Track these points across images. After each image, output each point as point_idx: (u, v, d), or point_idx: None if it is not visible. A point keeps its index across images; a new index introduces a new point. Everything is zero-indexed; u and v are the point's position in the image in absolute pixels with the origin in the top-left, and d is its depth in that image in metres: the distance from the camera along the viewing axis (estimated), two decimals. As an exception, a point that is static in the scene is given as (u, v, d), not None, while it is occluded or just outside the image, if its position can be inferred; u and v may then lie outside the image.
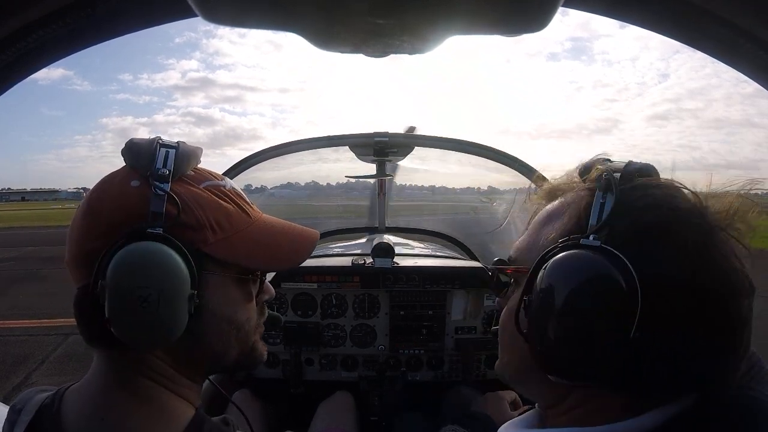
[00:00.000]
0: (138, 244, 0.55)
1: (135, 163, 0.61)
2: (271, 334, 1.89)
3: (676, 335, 0.46)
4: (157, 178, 0.58)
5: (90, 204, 0.60)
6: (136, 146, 0.62)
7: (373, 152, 1.92)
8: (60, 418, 0.58)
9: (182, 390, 0.63)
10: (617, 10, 0.61)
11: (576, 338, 0.47)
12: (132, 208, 0.58)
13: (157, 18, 0.63)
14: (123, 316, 0.55)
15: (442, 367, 1.93)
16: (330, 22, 0.47)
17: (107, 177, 0.62)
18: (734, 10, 0.56)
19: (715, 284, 0.46)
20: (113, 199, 0.59)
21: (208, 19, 0.46)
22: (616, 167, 0.54)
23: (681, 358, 0.46)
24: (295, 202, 3.25)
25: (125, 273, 0.54)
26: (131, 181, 0.60)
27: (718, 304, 0.46)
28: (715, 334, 0.47)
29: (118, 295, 0.54)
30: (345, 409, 1.73)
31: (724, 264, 0.47)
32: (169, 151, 0.60)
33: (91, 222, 0.59)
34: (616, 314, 0.45)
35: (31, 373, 4.53)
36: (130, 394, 0.59)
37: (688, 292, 0.46)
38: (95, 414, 0.58)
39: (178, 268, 0.55)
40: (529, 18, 0.46)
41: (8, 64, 0.61)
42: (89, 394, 0.60)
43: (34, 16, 0.56)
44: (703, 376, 0.48)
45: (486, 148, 1.92)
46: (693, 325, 0.46)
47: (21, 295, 7.63)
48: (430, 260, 2.04)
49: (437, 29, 0.48)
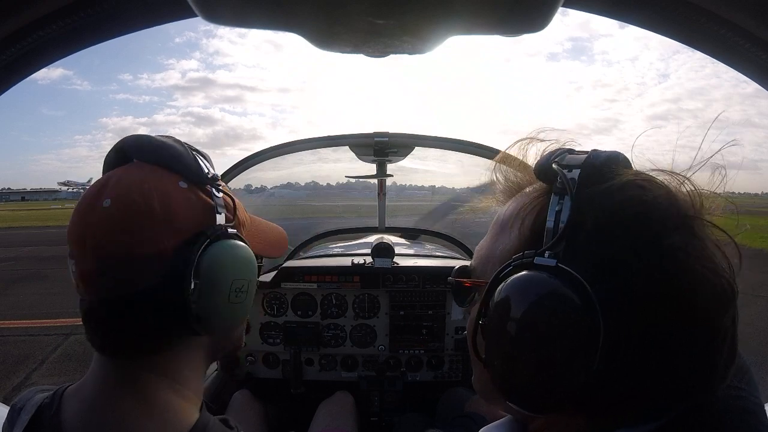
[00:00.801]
0: (227, 242, 0.60)
1: (174, 164, 0.60)
2: (271, 334, 1.89)
3: (648, 359, 0.40)
4: (212, 181, 0.62)
5: (145, 202, 0.55)
6: (170, 147, 0.61)
7: (373, 152, 1.91)
8: (59, 418, 0.57)
9: (188, 386, 0.63)
10: (617, 10, 0.61)
11: (532, 370, 0.42)
12: (195, 209, 0.60)
13: (157, 18, 0.63)
14: (222, 308, 0.59)
15: (442, 367, 1.93)
16: (330, 23, 0.47)
17: (142, 175, 0.58)
18: (734, 10, 0.56)
19: (693, 298, 0.40)
20: (172, 200, 0.57)
21: (208, 19, 0.46)
22: (576, 163, 0.45)
23: (654, 381, 0.41)
24: (295, 202, 3.26)
25: (226, 267, 0.59)
26: (179, 182, 0.59)
27: (695, 321, 0.40)
28: (693, 352, 0.41)
29: (219, 288, 0.59)
30: (345, 409, 1.73)
31: (704, 274, 0.40)
32: (195, 154, 0.64)
33: (149, 222, 0.55)
34: (575, 345, 0.40)
35: (31, 373, 4.53)
36: (136, 395, 0.58)
37: (661, 311, 0.40)
38: (97, 415, 0.57)
39: (254, 259, 0.65)
40: (529, 18, 0.46)
41: (8, 64, 0.61)
42: (91, 395, 0.59)
43: (33, 16, 0.56)
44: (680, 396, 0.42)
45: (487, 148, 1.91)
46: (666, 345, 0.40)
47: (21, 295, 7.64)
48: (430, 260, 2.04)
49: (437, 29, 0.48)
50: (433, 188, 2.95)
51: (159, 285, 0.55)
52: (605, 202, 0.42)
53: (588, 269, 0.40)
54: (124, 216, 0.55)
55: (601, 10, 0.61)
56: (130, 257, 0.54)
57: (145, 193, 0.56)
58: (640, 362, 0.41)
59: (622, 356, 0.40)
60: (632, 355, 0.40)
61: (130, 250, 0.54)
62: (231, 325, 0.64)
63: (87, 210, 0.56)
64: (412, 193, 3.18)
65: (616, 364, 0.40)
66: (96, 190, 0.58)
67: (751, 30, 0.58)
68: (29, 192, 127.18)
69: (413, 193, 3.19)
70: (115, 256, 0.54)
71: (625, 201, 0.42)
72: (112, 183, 0.58)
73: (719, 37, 0.60)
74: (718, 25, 0.58)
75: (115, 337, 0.57)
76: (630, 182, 0.43)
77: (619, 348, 0.40)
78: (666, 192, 0.43)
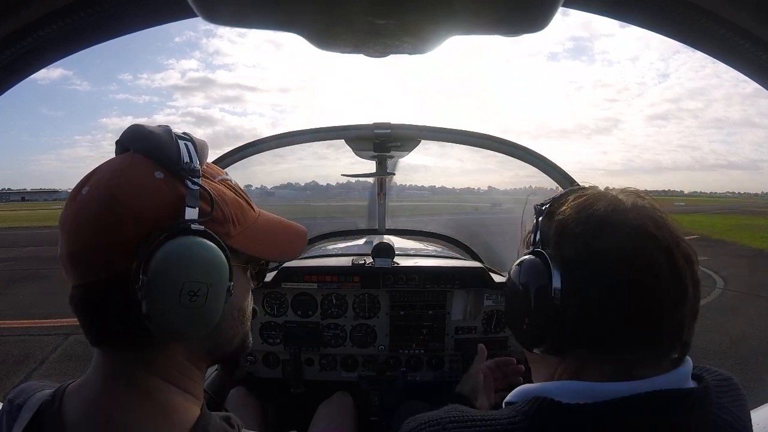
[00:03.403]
0: (185, 238, 0.55)
1: (155, 153, 0.58)
2: (271, 334, 1.89)
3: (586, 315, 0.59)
4: (189, 172, 0.58)
5: (111, 193, 0.55)
6: (155, 136, 0.59)
7: (373, 146, 1.71)
8: (62, 417, 0.57)
9: (190, 385, 0.62)
10: (617, 10, 0.61)
11: (522, 317, 0.66)
12: (164, 202, 0.56)
13: (157, 18, 0.63)
14: (169, 310, 0.54)
15: (442, 367, 1.93)
16: (330, 23, 0.47)
17: (120, 165, 0.58)
18: (734, 10, 0.56)
19: (613, 263, 0.57)
20: (141, 191, 0.56)
21: (208, 19, 0.46)
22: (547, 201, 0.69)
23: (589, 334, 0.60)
24: (295, 202, 3.26)
25: (176, 267, 0.54)
26: (154, 173, 0.57)
27: (606, 288, 0.57)
28: (610, 315, 0.58)
29: (166, 289, 0.54)
30: (345, 409, 1.73)
31: (617, 252, 0.57)
32: (187, 144, 0.60)
33: (114, 212, 0.54)
34: (546, 303, 0.61)
35: (31, 373, 4.53)
36: (138, 393, 0.57)
37: (589, 276, 0.59)
38: (99, 413, 0.56)
39: (222, 262, 0.57)
40: (529, 18, 0.46)
41: (8, 64, 0.61)
42: (93, 393, 0.58)
43: (33, 16, 0.56)
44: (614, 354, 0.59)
45: (498, 140, 1.74)
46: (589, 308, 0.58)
47: (21, 295, 7.63)
48: (430, 260, 2.03)
49: (437, 29, 0.48)
50: (433, 188, 2.94)
51: (118, 278, 0.53)
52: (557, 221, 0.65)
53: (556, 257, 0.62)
54: (93, 204, 0.55)
55: (602, 10, 0.61)
56: (95, 246, 0.54)
57: (113, 182, 0.56)
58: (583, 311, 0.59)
59: (577, 312, 0.59)
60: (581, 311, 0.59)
61: (94, 239, 0.54)
62: (195, 330, 0.57)
63: (72, 197, 0.58)
64: (412, 193, 3.17)
65: (570, 318, 0.60)
66: (83, 179, 0.59)
67: (751, 30, 0.58)
68: (29, 192, 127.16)
69: (413, 193, 3.18)
70: (84, 244, 0.55)
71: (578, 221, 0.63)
72: (97, 172, 0.58)
73: (719, 37, 0.60)
74: (718, 25, 0.58)
75: (86, 324, 0.57)
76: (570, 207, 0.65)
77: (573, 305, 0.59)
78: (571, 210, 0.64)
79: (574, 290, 0.59)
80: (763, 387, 3.89)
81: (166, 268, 0.53)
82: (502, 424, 0.59)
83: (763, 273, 9.60)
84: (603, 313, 0.58)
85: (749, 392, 0.67)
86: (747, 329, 5.83)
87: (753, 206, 56.85)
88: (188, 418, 0.59)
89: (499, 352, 1.87)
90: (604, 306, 0.57)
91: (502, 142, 1.77)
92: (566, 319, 0.59)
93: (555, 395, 0.59)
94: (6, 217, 35.21)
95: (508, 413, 0.61)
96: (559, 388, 0.61)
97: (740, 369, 4.52)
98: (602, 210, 0.60)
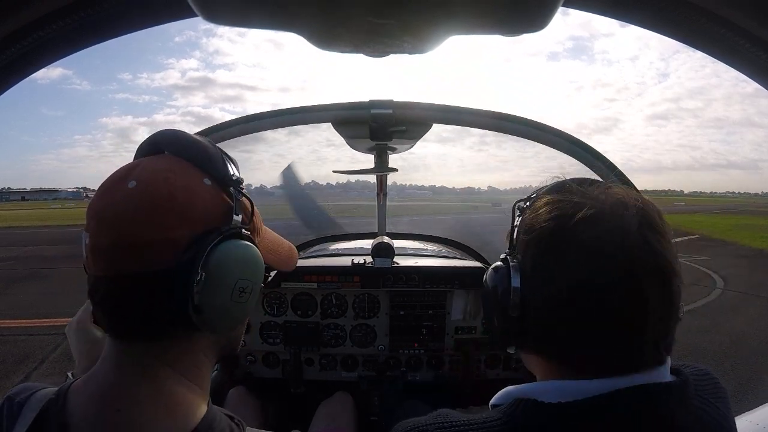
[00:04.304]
0: (239, 241, 0.61)
1: (203, 161, 0.62)
2: (271, 333, 1.89)
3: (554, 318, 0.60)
4: (235, 183, 0.64)
5: (169, 191, 0.57)
6: (203, 146, 0.64)
7: (370, 132, 1.29)
8: (67, 414, 0.57)
9: (200, 378, 0.64)
10: (617, 10, 0.61)
11: (494, 320, 0.69)
12: (213, 206, 0.61)
13: (157, 18, 0.63)
14: (221, 304, 0.60)
15: (442, 367, 1.93)
16: (331, 23, 0.47)
17: (169, 165, 0.61)
18: (734, 10, 0.56)
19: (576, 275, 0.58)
20: (195, 193, 0.59)
21: (208, 19, 0.46)
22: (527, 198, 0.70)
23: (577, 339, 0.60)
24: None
25: (234, 265, 0.60)
26: (203, 179, 0.61)
27: (581, 293, 0.58)
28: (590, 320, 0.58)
29: (223, 284, 0.59)
30: (345, 409, 1.73)
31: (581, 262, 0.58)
32: (224, 156, 0.65)
33: (172, 209, 0.57)
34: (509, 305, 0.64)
35: (32, 373, 4.53)
36: (148, 384, 0.58)
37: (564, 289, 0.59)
38: (107, 408, 0.56)
39: (263, 265, 0.65)
40: (529, 18, 0.46)
41: (8, 64, 0.61)
42: (101, 386, 0.58)
43: (33, 16, 0.56)
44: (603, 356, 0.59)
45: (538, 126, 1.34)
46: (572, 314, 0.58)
47: (21, 295, 7.64)
48: (430, 260, 2.03)
49: (437, 29, 0.48)
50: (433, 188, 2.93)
51: (166, 271, 0.55)
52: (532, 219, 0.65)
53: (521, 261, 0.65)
54: (146, 199, 0.56)
55: (602, 10, 0.61)
56: (143, 239, 0.55)
57: (169, 181, 0.58)
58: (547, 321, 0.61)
59: (535, 315, 0.62)
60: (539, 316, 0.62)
61: (144, 232, 0.55)
62: (230, 323, 0.64)
63: (112, 188, 0.58)
64: (412, 193, 3.17)
65: (531, 320, 0.62)
66: (124, 172, 0.59)
67: (751, 30, 0.58)
68: (29, 192, 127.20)
69: (413, 193, 3.18)
70: (130, 235, 0.55)
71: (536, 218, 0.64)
72: (140, 167, 0.60)
73: (719, 37, 0.60)
74: (718, 25, 0.58)
75: (116, 315, 0.58)
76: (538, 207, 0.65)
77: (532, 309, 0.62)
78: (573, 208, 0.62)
79: (536, 291, 0.62)
80: (763, 387, 3.89)
81: (226, 265, 0.59)
82: (485, 426, 0.60)
83: (763, 273, 9.60)
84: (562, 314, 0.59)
85: (749, 392, 0.67)
86: (747, 329, 5.83)
87: (753, 206, 56.83)
88: (195, 412, 0.60)
89: (498, 352, 1.88)
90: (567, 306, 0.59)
91: (541, 128, 1.33)
92: (526, 320, 0.63)
93: (537, 395, 0.60)
94: (6, 216, 35.22)
95: (493, 415, 0.62)
96: (541, 388, 0.62)
97: (740, 369, 4.52)
98: (571, 214, 0.59)
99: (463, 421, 0.62)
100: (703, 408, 0.60)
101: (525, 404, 0.60)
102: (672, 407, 0.57)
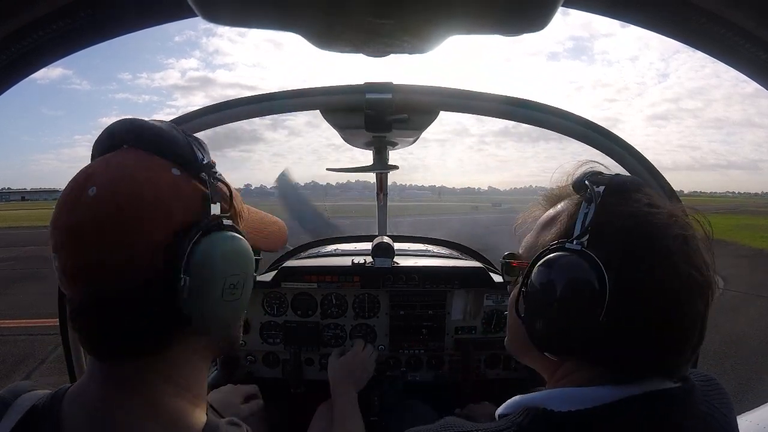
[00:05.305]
0: (220, 234, 0.55)
1: (166, 150, 0.55)
2: (271, 333, 1.89)
3: (636, 325, 0.56)
4: (206, 168, 0.57)
5: (133, 191, 0.51)
6: (166, 132, 0.56)
7: (365, 122, 1.08)
8: (60, 422, 0.54)
9: (195, 385, 0.60)
10: (617, 10, 0.61)
11: (557, 322, 0.58)
12: (188, 198, 0.55)
13: (157, 18, 0.63)
14: (213, 306, 0.55)
15: (442, 367, 1.93)
16: (331, 23, 0.47)
17: (129, 161, 0.54)
18: (734, 10, 0.56)
19: (674, 286, 0.55)
20: (164, 188, 0.53)
21: (208, 19, 0.46)
22: (603, 181, 0.62)
23: (639, 343, 0.57)
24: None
25: (219, 263, 0.54)
26: (171, 169, 0.55)
27: (674, 304, 0.56)
28: (669, 328, 0.57)
29: (210, 286, 0.54)
30: (345, 409, 1.73)
31: (684, 269, 0.56)
32: (190, 140, 0.58)
33: (141, 212, 0.51)
34: (588, 305, 0.56)
35: (32, 373, 4.53)
36: (141, 400, 0.54)
37: (651, 292, 0.56)
38: (102, 421, 0.53)
39: (251, 253, 0.60)
40: (529, 18, 0.46)
41: (8, 64, 0.61)
42: (94, 400, 0.55)
43: (33, 16, 0.56)
44: (657, 360, 0.58)
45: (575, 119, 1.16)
46: (651, 318, 0.56)
47: (21, 295, 7.63)
48: (430, 260, 2.03)
49: (437, 29, 0.48)
50: (433, 188, 2.94)
51: (150, 280, 0.51)
52: (622, 210, 0.59)
53: (603, 255, 0.56)
54: (110, 207, 0.50)
55: (602, 10, 0.61)
56: (115, 255, 0.50)
57: (134, 180, 0.52)
58: (632, 322, 0.56)
59: (619, 316, 0.55)
60: (626, 317, 0.56)
61: (115, 247, 0.50)
62: (226, 323, 0.60)
63: (71, 200, 0.52)
64: (412, 193, 3.17)
65: (614, 326, 0.55)
66: (82, 179, 0.53)
67: (751, 30, 0.58)
68: (29, 192, 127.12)
69: (414, 193, 3.19)
70: (99, 253, 0.50)
71: (635, 211, 0.58)
72: (99, 170, 0.53)
73: (719, 37, 0.60)
74: (718, 25, 0.58)
75: (105, 339, 0.53)
76: (640, 199, 0.60)
77: (617, 310, 0.55)
78: (667, 211, 0.59)
79: (623, 296, 0.55)
80: (763, 387, 3.89)
81: (210, 264, 0.53)
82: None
83: (763, 273, 9.59)
84: (640, 328, 0.56)
85: (749, 392, 0.68)
86: (747, 329, 5.83)
87: (753, 206, 56.80)
88: (195, 423, 0.57)
89: (498, 351, 1.88)
90: (644, 322, 0.56)
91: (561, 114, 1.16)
92: (604, 327, 0.55)
93: (546, 404, 0.59)
94: (6, 216, 35.19)
95: (501, 425, 0.61)
96: (550, 397, 0.61)
97: (740, 369, 4.52)
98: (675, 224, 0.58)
99: (473, 430, 0.61)
100: (710, 414, 0.61)
101: (534, 413, 0.59)
102: (681, 413, 0.57)
